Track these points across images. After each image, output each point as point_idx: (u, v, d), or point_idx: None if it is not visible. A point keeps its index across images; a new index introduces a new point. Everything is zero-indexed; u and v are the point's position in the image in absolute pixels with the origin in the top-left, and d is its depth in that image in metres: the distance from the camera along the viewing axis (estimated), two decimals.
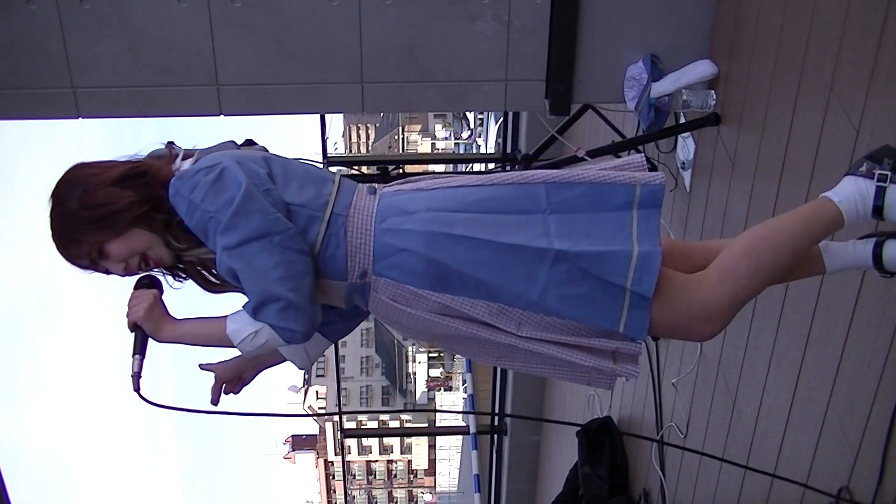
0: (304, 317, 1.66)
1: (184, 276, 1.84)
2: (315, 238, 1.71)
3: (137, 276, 1.80)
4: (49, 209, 1.73)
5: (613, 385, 1.83)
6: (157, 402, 1.74)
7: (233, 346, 1.70)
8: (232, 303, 1.89)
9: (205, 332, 1.74)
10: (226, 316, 1.72)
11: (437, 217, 1.72)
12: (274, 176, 1.72)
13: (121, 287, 1.84)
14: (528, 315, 1.71)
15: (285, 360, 1.88)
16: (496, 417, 6.90)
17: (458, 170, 8.86)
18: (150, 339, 1.75)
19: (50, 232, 1.74)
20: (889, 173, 1.78)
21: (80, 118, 3.23)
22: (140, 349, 1.73)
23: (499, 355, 1.82)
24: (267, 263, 1.63)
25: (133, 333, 1.74)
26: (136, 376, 1.71)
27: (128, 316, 1.74)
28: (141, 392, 1.71)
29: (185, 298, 1.85)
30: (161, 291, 1.79)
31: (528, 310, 1.71)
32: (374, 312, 1.81)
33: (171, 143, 1.86)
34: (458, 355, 3.25)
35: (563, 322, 1.71)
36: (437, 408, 33.06)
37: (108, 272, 1.78)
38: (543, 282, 1.68)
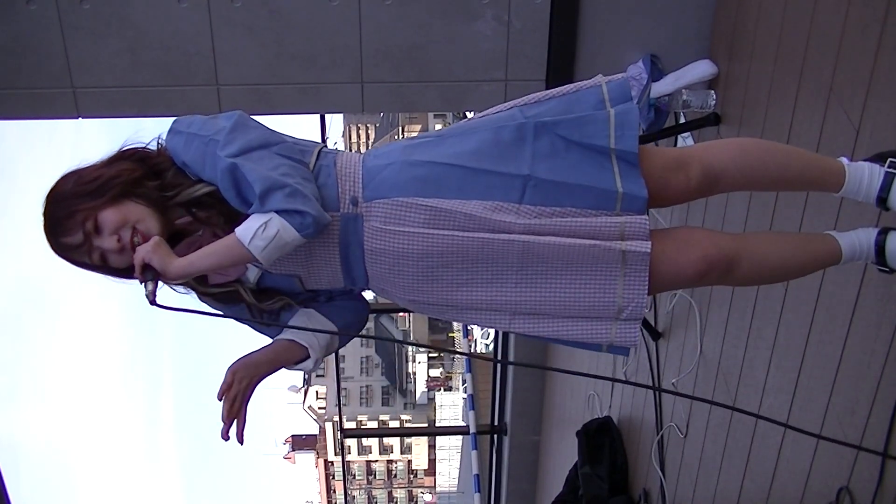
0: (311, 203, 1.63)
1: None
2: (307, 166, 1.73)
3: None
4: (44, 204, 1.72)
5: (636, 340, 1.74)
6: (173, 307, 1.69)
7: (245, 255, 1.64)
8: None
9: (215, 248, 1.68)
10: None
11: (423, 135, 1.80)
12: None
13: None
14: (526, 209, 1.69)
15: (300, 360, 1.81)
16: (496, 417, 6.90)
17: None
18: (160, 282, 1.69)
19: (42, 219, 1.72)
20: None
21: (80, 118, 3.23)
22: (152, 279, 1.68)
23: (512, 312, 1.75)
24: (269, 164, 1.66)
25: (143, 278, 1.68)
26: (152, 293, 1.67)
27: (135, 259, 1.67)
28: (157, 301, 1.67)
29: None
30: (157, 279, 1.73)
31: (524, 203, 1.69)
32: (370, 256, 1.74)
33: None
34: (463, 323, 3.14)
35: (563, 210, 1.69)
36: (437, 407, 33.10)
37: (101, 259, 1.73)
38: (529, 156, 1.70)
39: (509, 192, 1.69)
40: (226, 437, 1.73)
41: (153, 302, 1.66)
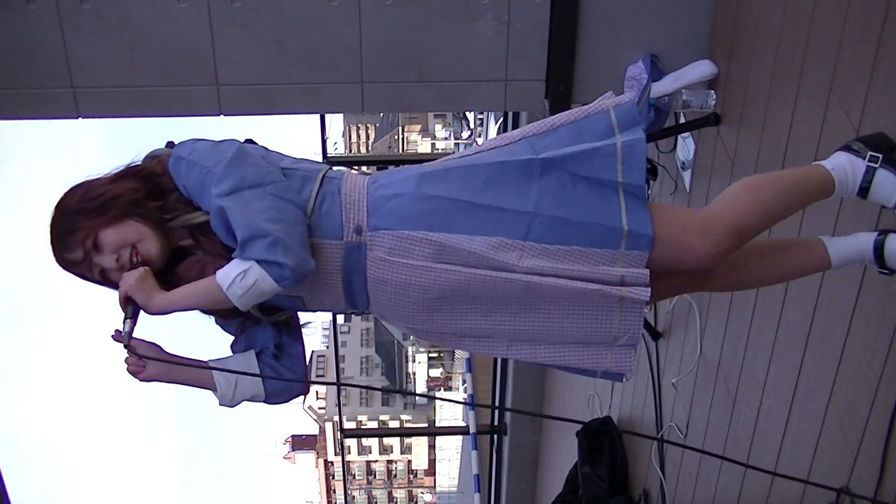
0: (292, 254, 1.62)
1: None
2: (309, 195, 1.73)
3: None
4: (51, 215, 1.75)
5: (632, 367, 1.77)
6: (146, 356, 1.72)
7: (224, 298, 1.66)
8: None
9: (196, 289, 1.70)
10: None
11: (428, 166, 1.80)
12: (270, 155, 1.80)
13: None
14: (530, 246, 1.70)
15: (209, 388, 1.82)
16: (496, 417, 6.90)
17: None
18: (141, 312, 1.72)
19: (48, 233, 1.74)
20: (881, 156, 1.82)
21: (80, 118, 3.23)
22: (132, 316, 1.71)
23: (510, 339, 1.78)
24: (258, 207, 1.65)
25: (125, 310, 1.71)
26: (128, 334, 1.70)
27: (119, 289, 1.71)
28: (131, 345, 1.70)
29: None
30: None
31: (529, 239, 1.70)
32: (373, 285, 1.76)
33: (170, 143, 1.88)
34: (465, 351, 3.17)
35: (568, 249, 1.69)
36: (437, 407, 33.09)
37: (101, 275, 1.76)
38: (536, 193, 1.70)
39: (514, 228, 1.70)
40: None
41: (127, 346, 1.69)
